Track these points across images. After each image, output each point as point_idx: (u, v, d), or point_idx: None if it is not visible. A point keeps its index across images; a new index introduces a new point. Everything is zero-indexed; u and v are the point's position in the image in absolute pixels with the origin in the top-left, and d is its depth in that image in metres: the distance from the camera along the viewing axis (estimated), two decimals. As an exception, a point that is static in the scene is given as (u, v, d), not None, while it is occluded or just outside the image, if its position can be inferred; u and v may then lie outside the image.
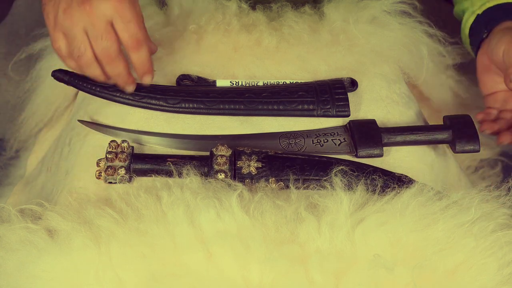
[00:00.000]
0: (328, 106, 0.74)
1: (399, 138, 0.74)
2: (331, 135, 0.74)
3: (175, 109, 0.73)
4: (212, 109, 0.74)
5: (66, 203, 0.65)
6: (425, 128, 0.75)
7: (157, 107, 0.73)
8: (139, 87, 0.73)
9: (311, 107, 0.74)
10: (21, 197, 0.89)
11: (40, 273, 0.56)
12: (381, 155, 0.72)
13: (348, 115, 0.75)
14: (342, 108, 0.75)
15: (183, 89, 0.75)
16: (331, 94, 0.75)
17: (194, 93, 0.74)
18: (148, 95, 0.73)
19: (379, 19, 0.87)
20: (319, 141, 0.73)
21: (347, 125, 0.75)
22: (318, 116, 0.75)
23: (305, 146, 0.73)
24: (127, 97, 0.73)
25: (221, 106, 0.74)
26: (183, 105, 0.73)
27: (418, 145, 0.75)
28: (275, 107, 0.74)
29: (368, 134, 0.73)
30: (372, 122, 0.75)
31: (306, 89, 0.76)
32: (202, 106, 0.74)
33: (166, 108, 0.73)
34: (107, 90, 0.73)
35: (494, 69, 0.80)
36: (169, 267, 0.56)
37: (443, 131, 0.74)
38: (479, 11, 0.81)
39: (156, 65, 0.81)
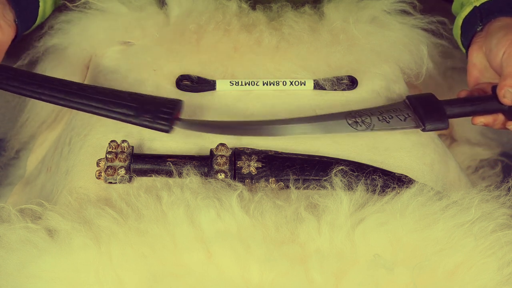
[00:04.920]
0: (149, 116, 0.68)
1: (457, 110, 0.74)
2: (394, 111, 0.73)
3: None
4: (26, 90, 0.68)
5: (66, 203, 0.65)
6: (482, 98, 0.74)
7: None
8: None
9: (131, 112, 0.68)
10: (21, 197, 0.89)
11: (40, 273, 0.56)
12: (447, 128, 0.73)
13: (167, 131, 0.68)
14: (163, 121, 0.68)
15: (12, 68, 0.71)
16: (157, 106, 0.69)
17: (20, 74, 0.70)
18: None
19: (379, 19, 0.87)
20: (384, 117, 0.72)
21: (406, 100, 0.75)
22: (136, 124, 0.68)
23: (373, 123, 0.72)
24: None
25: (39, 90, 0.68)
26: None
27: (476, 115, 0.75)
28: (94, 103, 0.68)
29: (432, 108, 0.73)
30: (431, 95, 0.75)
31: (134, 96, 0.70)
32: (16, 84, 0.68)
33: None
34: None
35: (487, 67, 0.78)
36: (169, 267, 0.56)
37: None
38: (477, 3, 0.79)
39: (156, 65, 0.81)
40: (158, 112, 0.68)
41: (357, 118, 0.72)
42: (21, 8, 0.78)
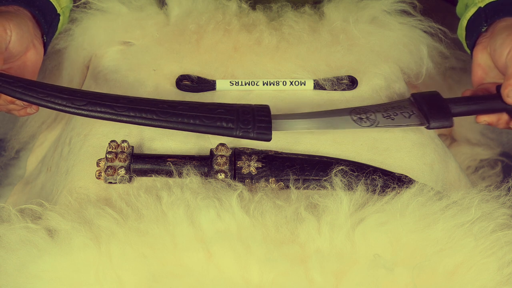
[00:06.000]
0: (249, 127, 0.68)
1: (462, 108, 0.74)
2: (398, 108, 0.74)
3: (80, 111, 0.66)
4: (121, 115, 0.67)
5: (66, 203, 0.65)
6: (487, 97, 0.75)
7: (61, 107, 0.66)
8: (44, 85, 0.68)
9: (230, 125, 0.68)
10: (21, 197, 0.89)
11: (40, 273, 0.56)
12: (451, 126, 0.73)
13: (269, 139, 0.68)
14: (264, 130, 0.68)
15: (91, 92, 0.69)
16: (253, 115, 0.69)
17: (103, 97, 0.67)
18: (53, 94, 0.66)
19: (379, 19, 0.87)
20: (389, 114, 0.73)
21: (411, 98, 0.76)
22: (237, 136, 0.68)
23: (377, 120, 0.72)
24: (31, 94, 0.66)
25: (131, 113, 0.66)
26: (89, 108, 0.66)
27: (480, 114, 0.75)
28: (191, 120, 0.67)
29: (437, 105, 0.73)
30: (437, 94, 0.75)
31: (227, 108, 0.70)
32: (109, 111, 0.67)
33: (70, 109, 0.66)
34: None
35: (491, 67, 0.78)
36: (169, 267, 0.56)
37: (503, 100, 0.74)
38: (481, 4, 0.79)
39: (156, 65, 0.81)
40: (256, 121, 0.68)
41: (361, 114, 0.72)
42: (48, 24, 0.78)
